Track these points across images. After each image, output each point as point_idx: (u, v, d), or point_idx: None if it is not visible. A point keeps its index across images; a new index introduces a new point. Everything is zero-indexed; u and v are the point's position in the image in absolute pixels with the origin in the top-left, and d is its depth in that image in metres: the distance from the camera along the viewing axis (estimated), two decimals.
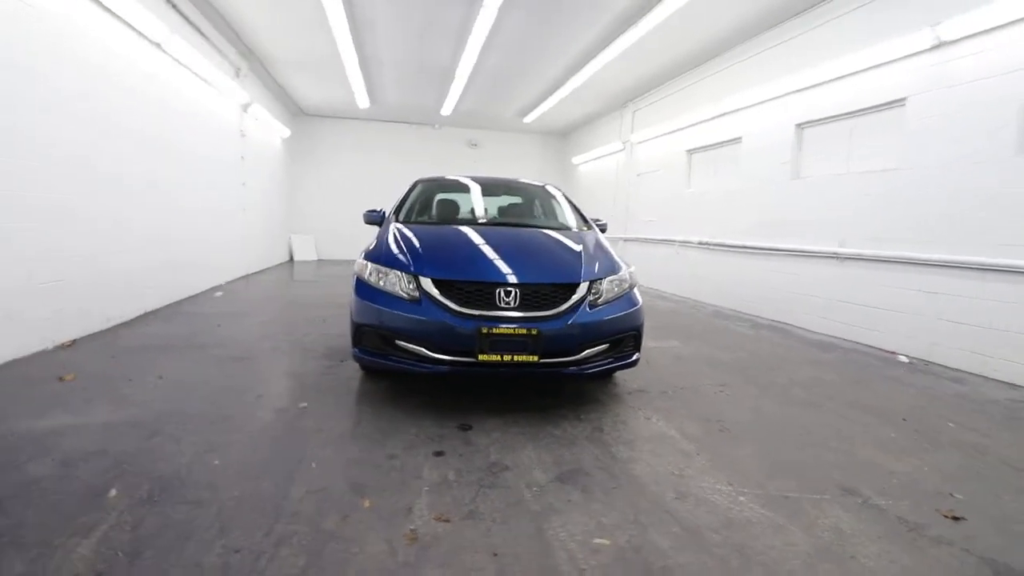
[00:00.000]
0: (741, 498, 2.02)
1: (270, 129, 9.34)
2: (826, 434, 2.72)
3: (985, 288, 4.04)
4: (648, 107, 9.28)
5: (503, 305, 2.63)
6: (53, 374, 3.06)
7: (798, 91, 5.80)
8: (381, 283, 2.80)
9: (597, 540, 1.71)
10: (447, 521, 1.77)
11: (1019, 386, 3.68)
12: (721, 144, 7.34)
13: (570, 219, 3.97)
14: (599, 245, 3.31)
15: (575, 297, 2.73)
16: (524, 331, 2.57)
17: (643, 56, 7.19)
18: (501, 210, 4.40)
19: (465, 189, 4.42)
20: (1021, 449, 2.61)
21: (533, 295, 2.68)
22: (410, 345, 2.64)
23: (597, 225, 3.97)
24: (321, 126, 12.08)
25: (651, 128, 8.98)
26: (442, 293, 2.65)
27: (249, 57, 7.60)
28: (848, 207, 5.26)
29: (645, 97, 9.30)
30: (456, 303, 2.62)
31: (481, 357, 2.55)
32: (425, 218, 3.93)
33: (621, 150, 10.31)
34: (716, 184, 7.54)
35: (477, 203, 4.23)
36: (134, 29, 4.60)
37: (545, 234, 3.45)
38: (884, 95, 4.85)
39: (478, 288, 2.66)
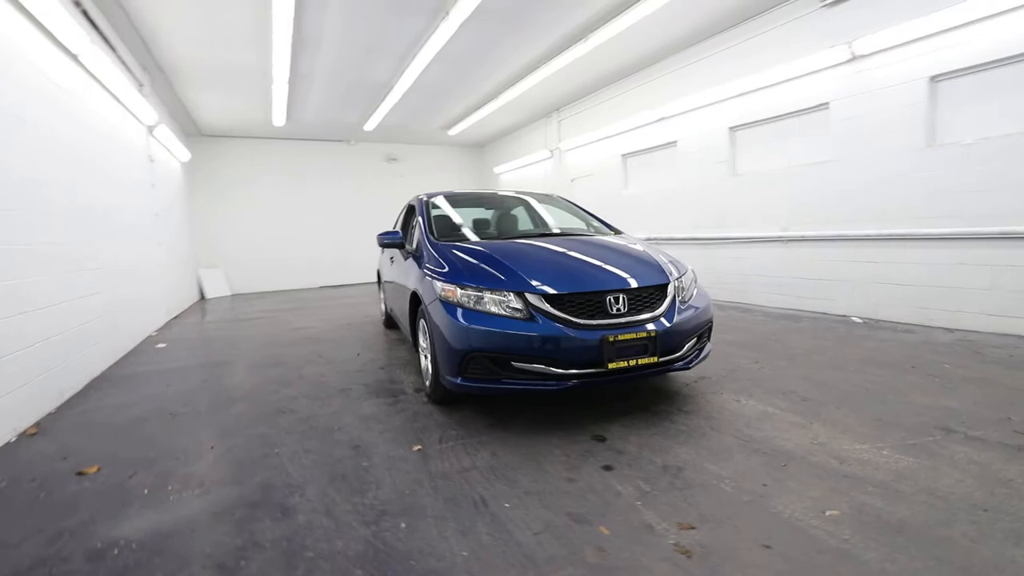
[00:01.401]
0: (884, 452, 2.30)
1: (172, 152, 8.17)
2: (875, 389, 3.16)
3: (908, 254, 4.98)
4: (575, 116, 9.79)
5: (615, 312, 2.67)
6: (61, 470, 2.42)
7: (731, 98, 6.57)
8: (479, 305, 2.67)
9: (829, 512, 1.84)
10: (693, 528, 1.78)
11: (954, 329, 4.59)
12: (657, 148, 8.01)
13: (601, 225, 4.11)
14: (652, 247, 3.48)
15: (669, 296, 2.86)
16: (644, 334, 2.64)
17: (577, 70, 7.60)
18: (536, 221, 4.36)
19: (488, 203, 4.36)
20: (1010, 376, 3.28)
21: (637, 299, 2.76)
22: (530, 365, 2.56)
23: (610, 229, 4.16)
24: (223, 147, 10.82)
25: (582, 135, 9.47)
26: (556, 308, 2.61)
27: (152, 71, 6.60)
28: (786, 196, 6.10)
29: (572, 107, 9.80)
30: (574, 316, 2.60)
31: (611, 365, 2.56)
32: (468, 236, 3.77)
33: (549, 158, 10.72)
34: (654, 185, 8.21)
35: (516, 216, 4.19)
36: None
37: (609, 240, 3.56)
38: (810, 100, 5.73)
39: (589, 299, 2.67)
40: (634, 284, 2.78)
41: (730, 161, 6.82)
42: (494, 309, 2.64)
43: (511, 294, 2.66)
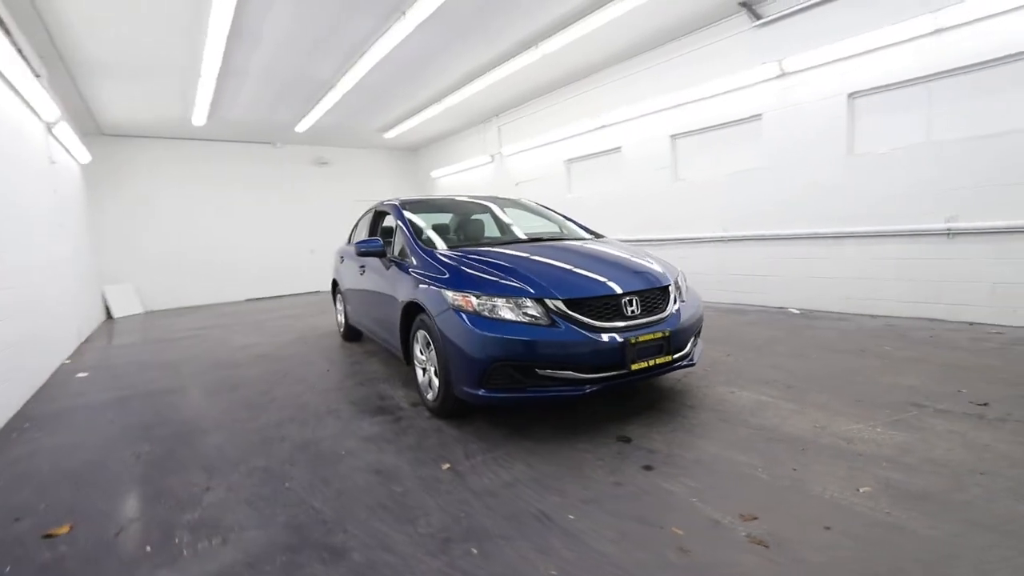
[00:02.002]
0: (878, 429, 2.56)
1: (72, 153, 7.12)
2: (841, 372, 3.50)
3: (835, 251, 5.60)
4: (517, 121, 9.88)
5: (630, 314, 2.73)
6: (19, 534, 2.01)
7: (673, 108, 6.98)
8: (494, 313, 2.60)
9: (862, 489, 2.01)
10: (756, 518, 1.86)
11: (877, 316, 5.22)
12: (601, 154, 8.31)
13: (580, 230, 4.17)
14: (641, 250, 3.60)
15: (672, 296, 2.98)
16: (660, 335, 2.72)
17: (524, 76, 7.68)
18: (522, 226, 4.31)
19: (464, 209, 4.26)
20: (939, 355, 3.78)
21: (648, 300, 2.84)
22: (555, 372, 2.54)
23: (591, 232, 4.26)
24: (130, 148, 9.61)
25: (524, 141, 9.59)
26: (577, 312, 2.62)
27: (52, 61, 5.71)
28: (726, 200, 6.59)
29: (513, 112, 9.88)
30: (594, 319, 2.62)
31: (633, 367, 2.61)
32: (458, 242, 3.66)
33: (490, 162, 10.74)
34: (598, 189, 8.50)
35: (498, 222, 4.11)
36: None
37: (607, 244, 3.62)
38: (745, 111, 6.24)
39: (606, 302, 2.70)
40: (644, 286, 2.86)
41: (672, 167, 7.24)
42: (510, 316, 2.59)
43: (530, 300, 2.62)
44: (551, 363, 2.53)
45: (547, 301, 2.62)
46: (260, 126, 9.60)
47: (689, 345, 2.98)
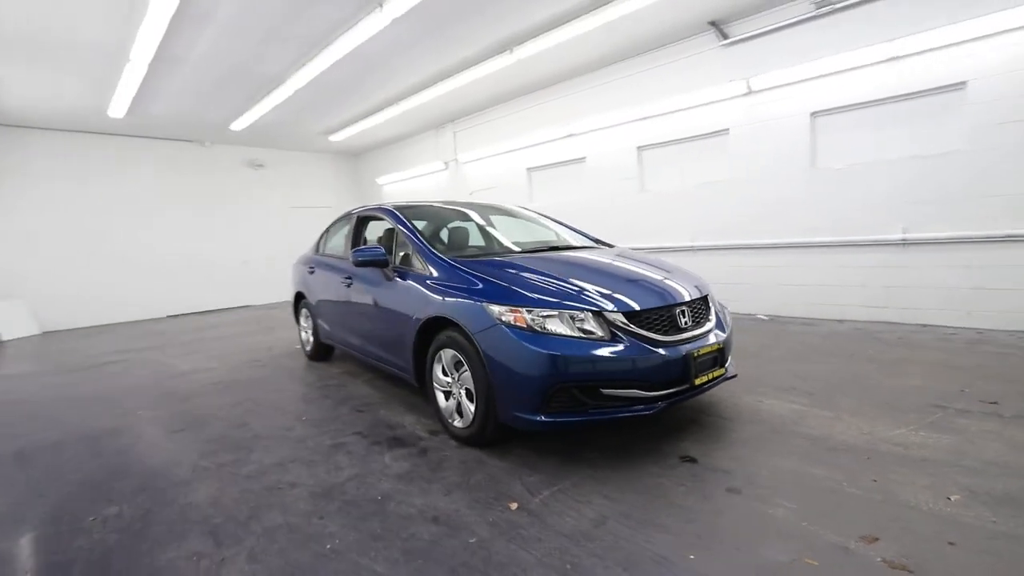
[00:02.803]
0: (921, 433, 2.60)
1: None
2: (847, 376, 3.61)
3: (800, 259, 5.92)
4: (474, 128, 9.65)
5: (683, 326, 2.60)
6: None
7: (640, 120, 7.10)
8: (551, 329, 2.35)
9: (953, 497, 1.99)
10: (877, 539, 1.76)
11: (844, 320, 5.55)
12: (565, 163, 8.29)
13: (588, 239, 4.02)
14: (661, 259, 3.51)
15: (712, 307, 2.90)
16: (716, 346, 2.61)
17: (488, 82, 7.49)
18: (530, 233, 4.07)
19: (462, 216, 3.95)
20: (920, 355, 4.03)
21: (695, 311, 2.73)
22: (623, 390, 2.33)
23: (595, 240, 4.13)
24: (23, 141, 8.17)
25: (482, 148, 9.37)
26: (636, 325, 2.43)
27: None
28: (693, 210, 6.78)
29: (471, 119, 9.64)
30: (654, 332, 2.45)
31: (697, 381, 2.46)
32: (476, 251, 3.35)
33: (444, 169, 10.40)
34: (561, 199, 8.46)
35: (505, 230, 3.83)
36: None
37: (631, 253, 3.48)
38: (713, 126, 6.47)
39: (662, 313, 2.55)
40: (693, 296, 2.74)
41: (639, 178, 7.36)
42: (567, 331, 2.35)
43: (589, 314, 2.40)
44: (617, 381, 2.32)
45: (606, 314, 2.42)
46: (189, 122, 8.59)
47: (729, 357, 2.91)
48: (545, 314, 2.38)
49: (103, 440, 3.17)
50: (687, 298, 2.71)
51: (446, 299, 2.72)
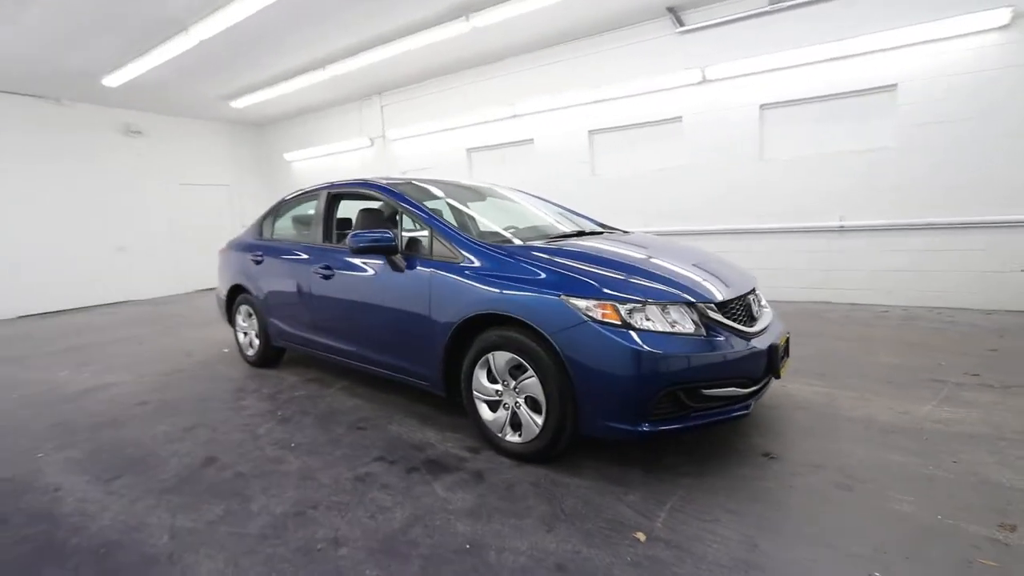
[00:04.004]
0: (947, 409, 2.75)
1: None
2: (833, 355, 3.78)
3: (752, 244, 6.26)
4: (407, 102, 8.86)
5: (756, 314, 2.45)
6: None
7: (592, 103, 6.96)
8: (646, 325, 2.05)
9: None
10: (1015, 527, 1.75)
11: (792, 301, 5.95)
12: (511, 144, 7.93)
13: (597, 225, 3.75)
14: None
15: (762, 295, 2.80)
16: (787, 335, 2.50)
17: (428, 52, 6.84)
18: (544, 216, 3.67)
19: (462, 196, 3.45)
20: (879, 333, 4.40)
21: (757, 300, 2.60)
22: (720, 390, 2.11)
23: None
24: None
25: (416, 125, 8.65)
26: (725, 316, 2.23)
27: None
28: (646, 195, 6.85)
29: (402, 92, 8.83)
30: (741, 324, 2.27)
31: (781, 372, 2.33)
32: (496, 238, 2.89)
33: (369, 146, 9.47)
34: (505, 181, 8.03)
35: (518, 213, 3.40)
36: None
37: (658, 239, 3.28)
38: (667, 113, 6.53)
39: (741, 302, 2.38)
40: (755, 283, 2.61)
41: (590, 162, 7.26)
42: (661, 327, 2.07)
43: (684, 306, 2.14)
44: (717, 380, 2.10)
45: (700, 305, 2.18)
46: (42, 73, 6.74)
47: None
48: (638, 308, 2.08)
49: (27, 497, 2.25)
50: (753, 284, 2.58)
51: (504, 292, 2.28)
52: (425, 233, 2.78)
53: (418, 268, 2.68)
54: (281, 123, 10.81)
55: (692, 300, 2.16)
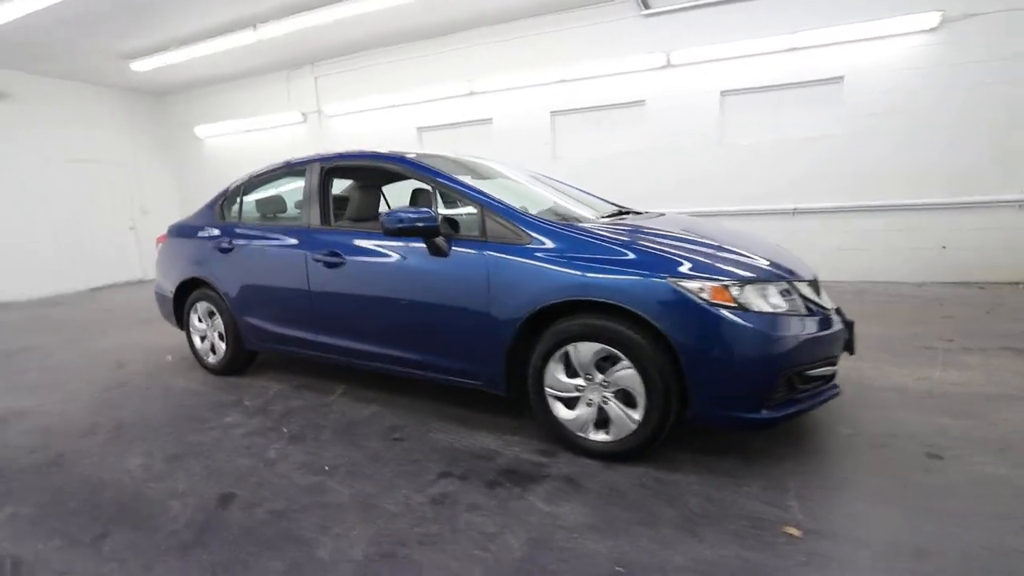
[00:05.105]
0: (952, 372, 2.97)
1: None
2: None
3: None
4: (344, 74, 8.05)
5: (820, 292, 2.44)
6: None
7: (554, 83, 6.77)
8: (755, 306, 1.93)
9: None
10: None
11: None
12: (467, 123, 7.52)
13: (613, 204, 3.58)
14: None
15: None
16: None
17: (369, 20, 6.22)
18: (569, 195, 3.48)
19: (476, 174, 3.12)
20: (868, 307, 4.72)
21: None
22: (821, 370, 2.06)
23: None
24: None
25: (358, 100, 7.91)
26: (813, 293, 2.17)
27: None
28: (607, 179, 6.80)
29: (340, 62, 8.00)
30: (823, 302, 2.23)
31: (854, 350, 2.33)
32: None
33: (302, 122, 8.53)
34: None
35: (535, 189, 3.14)
36: None
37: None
38: (629, 96, 6.53)
39: (814, 281, 2.33)
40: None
41: (552, 144, 7.11)
42: (767, 307, 1.96)
43: (786, 283, 2.05)
44: (819, 359, 2.04)
45: (796, 284, 2.10)
46: None
47: None
48: (751, 288, 1.95)
49: None
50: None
51: (592, 275, 2.03)
52: (470, 212, 2.44)
53: (467, 251, 2.34)
54: (192, 91, 9.35)
55: (791, 278, 2.08)
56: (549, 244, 2.19)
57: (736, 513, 1.78)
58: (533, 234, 2.23)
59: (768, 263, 2.13)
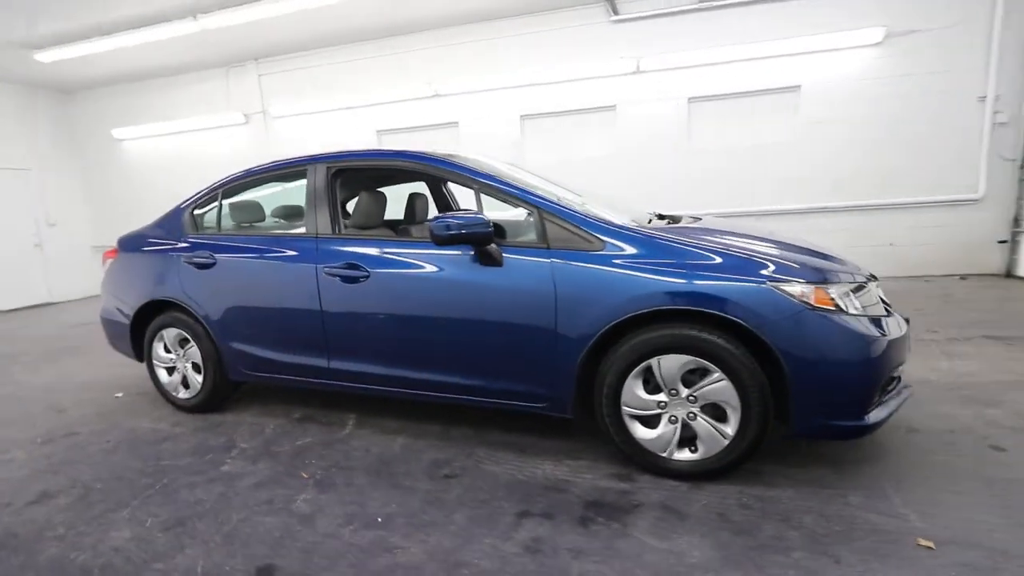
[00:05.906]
0: (955, 361, 3.13)
1: None
2: None
3: None
4: (292, 73, 7.46)
5: None
6: None
7: (524, 86, 6.65)
8: (851, 309, 1.86)
9: None
10: None
11: None
12: (431, 127, 7.20)
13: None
14: None
15: None
16: None
17: (322, 14, 5.79)
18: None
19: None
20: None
21: None
22: (897, 372, 2.03)
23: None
24: None
25: (308, 101, 7.37)
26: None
27: None
28: (577, 184, 6.74)
29: (287, 60, 7.39)
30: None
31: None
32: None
33: (243, 123, 7.80)
34: None
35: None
36: None
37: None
38: (600, 101, 6.54)
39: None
40: None
41: (520, 148, 6.96)
42: (862, 308, 1.90)
43: (871, 284, 2.02)
44: (896, 364, 2.01)
45: (871, 284, 2.07)
46: None
47: None
48: (844, 290, 1.88)
49: None
50: None
51: (694, 281, 1.87)
52: (525, 216, 2.21)
53: (527, 259, 2.11)
54: (109, 89, 8.24)
55: (868, 279, 2.05)
56: (629, 250, 2.00)
57: (858, 528, 1.68)
58: (606, 239, 2.04)
59: (848, 265, 2.09)
